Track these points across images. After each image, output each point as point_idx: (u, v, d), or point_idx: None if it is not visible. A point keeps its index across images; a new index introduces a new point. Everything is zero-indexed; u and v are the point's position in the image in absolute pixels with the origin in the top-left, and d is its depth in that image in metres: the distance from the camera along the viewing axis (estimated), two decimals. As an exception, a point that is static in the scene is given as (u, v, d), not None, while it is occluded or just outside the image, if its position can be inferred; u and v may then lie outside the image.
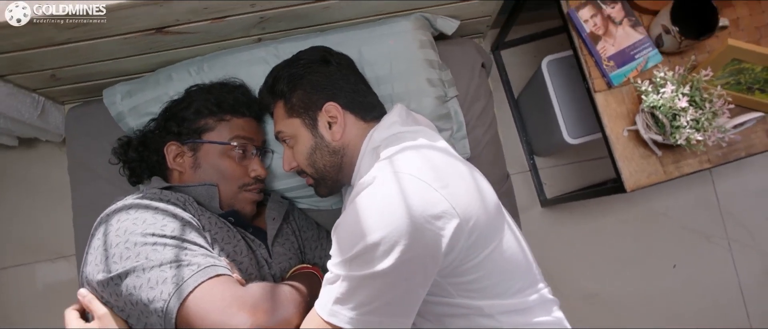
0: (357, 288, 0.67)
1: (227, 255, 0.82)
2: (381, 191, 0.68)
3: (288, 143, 0.93)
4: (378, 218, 0.66)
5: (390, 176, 0.69)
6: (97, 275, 0.73)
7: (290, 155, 0.93)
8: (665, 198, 1.66)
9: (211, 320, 0.66)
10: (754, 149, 1.04)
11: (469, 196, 0.71)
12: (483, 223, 0.72)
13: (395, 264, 0.65)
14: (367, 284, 0.66)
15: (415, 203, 0.65)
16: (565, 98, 1.33)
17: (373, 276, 0.65)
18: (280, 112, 0.93)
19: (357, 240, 0.66)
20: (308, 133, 0.89)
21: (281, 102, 0.93)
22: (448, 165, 0.74)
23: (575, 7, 1.07)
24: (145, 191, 0.84)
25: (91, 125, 1.17)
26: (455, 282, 0.76)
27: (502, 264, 0.78)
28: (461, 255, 0.71)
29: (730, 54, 0.93)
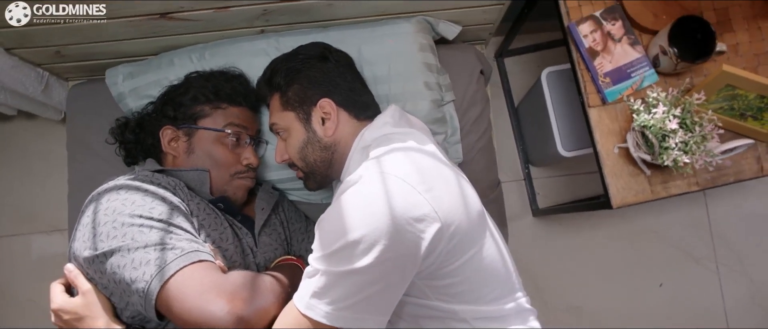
0: (334, 284, 0.68)
1: (213, 241, 0.83)
2: (366, 190, 0.70)
3: (281, 135, 0.95)
4: (360, 216, 0.67)
5: (376, 176, 0.70)
6: (84, 251, 0.75)
7: (283, 147, 0.95)
8: (657, 216, 1.66)
9: (189, 304, 0.68)
10: (743, 176, 1.05)
11: (453, 201, 0.73)
12: (464, 229, 0.73)
13: (374, 263, 0.66)
14: (345, 280, 0.68)
15: (398, 205, 0.67)
16: (562, 110, 1.33)
17: (352, 273, 0.67)
18: (276, 104, 0.94)
19: (338, 237, 0.68)
20: (301, 127, 0.91)
21: (277, 95, 0.94)
22: (434, 169, 0.76)
23: (576, 21, 1.08)
24: (138, 172, 0.86)
25: (93, 103, 1.19)
26: (432, 284, 0.77)
27: (480, 271, 0.79)
28: (440, 258, 0.72)
29: (724, 80, 0.94)
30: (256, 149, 1.04)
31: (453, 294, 0.79)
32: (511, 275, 0.86)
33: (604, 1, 1.10)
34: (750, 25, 1.09)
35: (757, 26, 1.08)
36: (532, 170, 1.68)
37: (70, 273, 0.79)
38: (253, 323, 0.70)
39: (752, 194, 1.67)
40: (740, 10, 1.09)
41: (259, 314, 0.72)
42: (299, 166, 0.94)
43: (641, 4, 1.08)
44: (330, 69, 0.93)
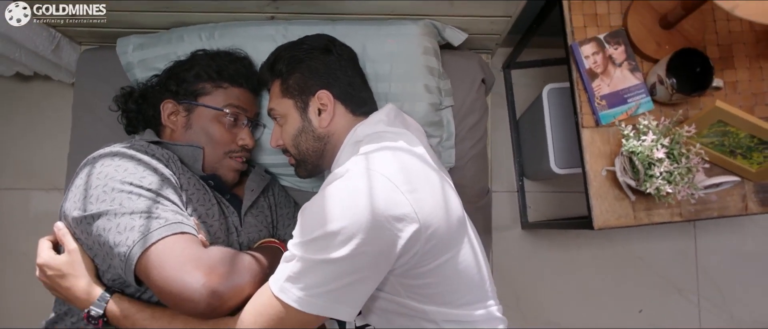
0: (309, 270, 0.70)
1: (199, 215, 0.86)
2: (351, 184, 0.72)
3: (278, 121, 0.97)
4: (342, 208, 0.69)
5: (362, 172, 0.72)
6: (74, 211, 0.78)
7: (278, 132, 0.97)
8: (644, 243, 1.67)
9: (167, 273, 0.71)
10: (728, 212, 1.06)
11: (434, 205, 0.74)
12: (442, 233, 0.75)
13: (349, 255, 0.68)
14: (320, 268, 0.70)
15: (380, 202, 0.69)
16: (559, 127, 1.35)
17: (326, 262, 0.69)
18: (276, 90, 0.97)
19: (318, 225, 0.70)
20: (298, 115, 0.94)
21: (278, 81, 0.97)
22: (420, 171, 0.78)
23: (579, 42, 1.09)
24: (134, 141, 0.89)
25: (102, 69, 1.22)
26: (406, 283, 0.79)
27: (454, 275, 0.81)
28: (415, 259, 0.74)
29: (717, 115, 0.95)
30: (252, 131, 1.07)
31: (425, 295, 0.81)
32: (486, 282, 0.88)
33: (610, 25, 1.11)
34: (752, 64, 1.09)
35: (759, 66, 1.09)
36: (526, 184, 1.69)
37: (58, 231, 0.82)
38: (226, 298, 0.73)
39: (741, 232, 1.68)
40: (744, 48, 1.10)
41: (234, 290, 0.74)
42: (292, 153, 0.97)
43: (646, 31, 1.09)
44: (332, 62, 0.95)
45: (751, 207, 1.06)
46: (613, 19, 1.11)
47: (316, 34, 1.03)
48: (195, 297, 0.70)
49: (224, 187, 0.98)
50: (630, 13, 1.09)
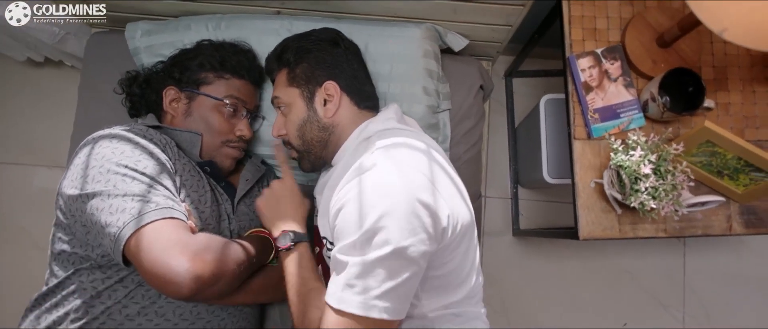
0: (364, 273, 0.69)
1: (192, 201, 0.88)
2: (384, 177, 0.72)
3: (282, 110, 0.97)
4: (381, 202, 0.69)
5: (392, 165, 0.73)
6: (70, 189, 0.81)
7: (282, 122, 0.97)
8: (634, 258, 1.69)
9: (153, 256, 0.73)
10: (712, 231, 1.08)
11: (456, 197, 0.79)
12: (464, 225, 0.78)
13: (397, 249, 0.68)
14: (372, 268, 0.68)
15: (417, 192, 0.70)
16: (554, 138, 1.37)
17: (378, 260, 0.68)
18: (282, 79, 0.97)
19: (360, 225, 0.69)
20: (304, 105, 0.94)
21: (285, 70, 0.97)
22: (438, 167, 0.80)
23: (577, 55, 1.11)
24: (134, 125, 0.91)
25: (109, 52, 1.25)
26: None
27: (459, 269, 0.83)
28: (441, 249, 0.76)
29: (705, 135, 0.97)
30: (251, 123, 1.09)
31: (427, 286, 0.81)
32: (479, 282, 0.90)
33: (608, 41, 1.13)
34: (745, 87, 1.11)
35: (752, 90, 1.11)
36: (520, 191, 1.71)
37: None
38: (209, 284, 0.75)
39: (731, 253, 1.69)
40: (738, 71, 1.12)
41: (217, 277, 0.77)
42: (295, 144, 0.96)
43: (643, 49, 1.11)
44: (339, 54, 0.97)
45: (736, 228, 1.07)
46: (611, 35, 1.13)
47: (323, 27, 1.05)
48: (178, 281, 0.72)
49: (219, 174, 1.00)
50: (628, 30, 1.11)
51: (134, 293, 0.84)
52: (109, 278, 0.84)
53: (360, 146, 0.88)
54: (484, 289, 0.93)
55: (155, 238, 0.74)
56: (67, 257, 0.86)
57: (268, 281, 0.96)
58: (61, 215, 0.85)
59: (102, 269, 0.84)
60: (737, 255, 1.69)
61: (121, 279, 0.84)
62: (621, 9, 1.14)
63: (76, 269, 0.84)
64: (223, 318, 0.91)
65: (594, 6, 1.14)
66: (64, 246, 0.85)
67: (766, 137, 1.10)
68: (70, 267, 0.85)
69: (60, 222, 0.86)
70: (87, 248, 0.83)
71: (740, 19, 0.70)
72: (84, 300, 0.83)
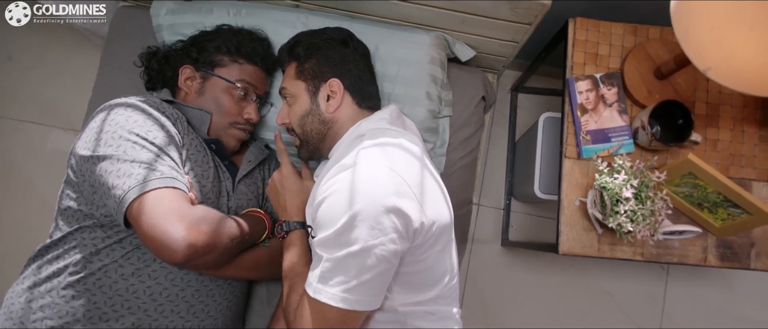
0: (337, 267, 0.75)
1: (195, 175, 0.94)
2: (361, 175, 0.76)
3: (288, 100, 1.04)
4: (354, 200, 0.74)
5: (370, 164, 0.78)
6: (83, 150, 0.87)
7: (286, 111, 1.04)
8: (616, 280, 1.73)
9: (153, 221, 0.79)
10: (687, 260, 1.12)
11: (435, 197, 0.84)
12: (441, 225, 0.83)
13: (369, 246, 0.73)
14: (345, 263, 0.75)
15: (391, 191, 0.74)
16: (549, 155, 1.41)
17: (350, 256, 0.74)
18: (291, 71, 1.03)
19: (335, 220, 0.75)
20: (308, 98, 1.00)
21: (294, 63, 1.03)
22: (417, 167, 0.84)
23: (576, 77, 1.16)
24: (149, 97, 0.97)
25: (134, 26, 1.31)
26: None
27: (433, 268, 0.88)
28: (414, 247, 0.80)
29: (688, 167, 1.01)
30: (260, 108, 1.15)
31: (401, 281, 0.86)
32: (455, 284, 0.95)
33: (608, 67, 1.17)
34: (735, 126, 1.15)
35: (742, 129, 1.15)
36: (513, 204, 1.76)
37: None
38: (201, 253, 0.81)
39: (712, 285, 1.73)
40: (730, 110, 1.15)
41: (209, 247, 0.82)
42: (297, 132, 1.03)
43: (640, 78, 1.15)
44: (347, 54, 1.03)
45: (710, 260, 1.11)
46: (612, 62, 1.18)
47: (336, 26, 1.11)
48: (173, 247, 0.78)
49: (224, 153, 1.06)
50: (628, 59, 1.16)
51: (131, 255, 0.89)
52: (109, 237, 0.89)
53: (353, 142, 0.92)
54: (468, 293, 0.98)
55: (156, 204, 0.80)
56: (72, 213, 0.91)
57: (258, 259, 1.01)
58: (71, 174, 0.91)
59: (103, 228, 0.89)
60: (718, 290, 1.72)
61: (120, 239, 0.89)
62: (624, 38, 1.18)
63: (79, 225, 0.90)
64: (212, 289, 0.97)
65: (598, 32, 1.19)
66: (71, 203, 0.91)
67: (749, 176, 1.13)
68: (74, 223, 0.90)
69: (70, 180, 0.91)
70: (92, 207, 0.89)
71: (722, 61, 0.75)
72: (83, 256, 0.88)
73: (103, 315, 0.87)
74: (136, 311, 0.88)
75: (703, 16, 0.74)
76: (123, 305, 0.88)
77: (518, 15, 1.10)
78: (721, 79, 0.79)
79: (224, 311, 0.99)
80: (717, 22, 0.72)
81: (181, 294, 0.92)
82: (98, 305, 0.87)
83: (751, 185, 1.14)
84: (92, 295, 0.87)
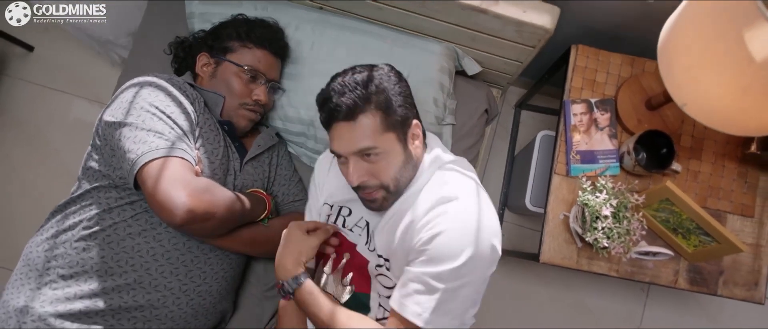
0: (452, 299, 0.81)
1: (206, 151, 1.03)
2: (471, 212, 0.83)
3: (372, 158, 0.87)
4: (470, 236, 0.80)
5: (474, 203, 0.84)
6: (110, 117, 0.97)
7: (366, 168, 0.88)
8: (598, 297, 1.80)
9: (159, 186, 0.89)
10: (658, 281, 1.19)
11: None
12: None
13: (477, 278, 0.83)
14: (459, 294, 0.82)
15: (494, 228, 0.85)
16: (542, 170, 1.49)
17: (463, 287, 0.81)
18: (376, 125, 0.86)
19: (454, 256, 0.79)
20: (401, 149, 0.89)
21: (380, 114, 0.86)
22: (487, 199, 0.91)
23: (572, 100, 1.24)
24: (174, 76, 1.06)
25: (166, 15, 1.41)
26: None
27: None
28: None
29: (665, 193, 1.08)
30: (272, 92, 1.23)
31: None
32: None
33: (604, 93, 1.25)
34: (717, 160, 1.22)
35: (722, 164, 1.22)
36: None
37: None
38: (199, 220, 0.90)
39: (689, 310, 1.79)
40: (713, 145, 1.23)
41: (207, 215, 0.92)
42: (390, 188, 0.89)
43: (631, 107, 1.23)
44: (407, 88, 0.94)
45: (681, 283, 1.19)
46: (607, 89, 1.26)
47: (386, 63, 0.95)
48: (174, 211, 0.88)
49: (235, 134, 1.15)
50: (622, 88, 1.24)
51: (139, 216, 0.99)
52: (121, 198, 0.99)
53: (435, 175, 0.91)
54: None
55: (164, 171, 0.89)
56: (93, 173, 1.01)
57: (257, 235, 1.10)
58: (96, 138, 1.01)
59: (117, 189, 0.99)
60: (695, 316, 1.79)
61: (131, 202, 0.99)
62: (621, 68, 1.26)
63: (98, 184, 0.99)
64: (210, 257, 1.05)
65: (598, 60, 1.27)
66: (94, 164, 1.01)
67: (725, 209, 1.21)
68: (94, 182, 1.00)
69: (95, 143, 1.02)
70: (110, 168, 0.98)
71: (696, 99, 0.83)
72: (97, 212, 0.98)
73: (109, 269, 0.96)
74: (139, 269, 0.97)
75: (682, 56, 0.82)
76: (127, 262, 0.97)
77: (523, 37, 1.18)
78: (695, 114, 0.87)
79: (219, 280, 1.08)
80: (693, 63, 0.80)
81: (181, 258, 1.01)
82: (105, 259, 0.96)
83: (726, 217, 1.21)
84: (101, 250, 0.96)
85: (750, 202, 1.21)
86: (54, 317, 0.93)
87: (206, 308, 1.07)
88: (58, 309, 0.94)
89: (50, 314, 0.94)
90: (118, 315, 0.96)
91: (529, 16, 1.10)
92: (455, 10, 1.14)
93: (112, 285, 0.96)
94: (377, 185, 0.89)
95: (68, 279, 0.96)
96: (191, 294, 1.03)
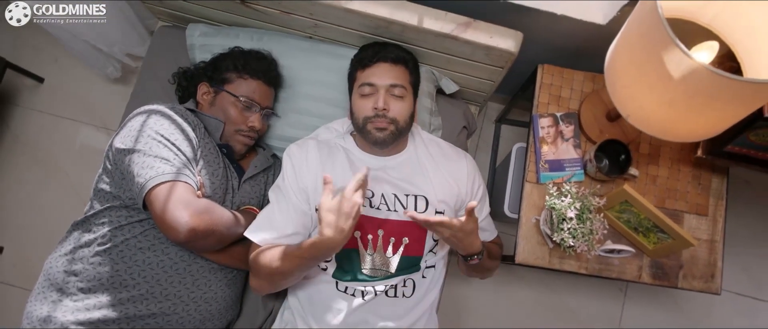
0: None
1: (207, 172, 1.13)
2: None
3: (396, 94, 1.19)
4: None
5: None
6: (120, 144, 1.07)
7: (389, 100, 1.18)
8: (580, 298, 1.91)
9: (165, 207, 1.00)
10: (624, 276, 1.30)
11: None
12: None
13: None
14: None
15: None
16: (518, 180, 1.61)
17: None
18: (407, 76, 1.24)
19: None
20: (412, 102, 1.25)
21: (411, 74, 1.26)
22: None
23: (540, 114, 1.37)
24: (177, 105, 1.18)
25: (170, 44, 1.54)
26: None
27: None
28: None
29: (623, 196, 1.20)
30: (266, 118, 1.35)
31: None
32: None
33: (568, 107, 1.38)
34: (673, 164, 1.35)
35: (678, 168, 1.35)
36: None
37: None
38: (200, 237, 1.01)
39: (666, 309, 1.90)
40: (669, 151, 1.36)
41: (208, 232, 1.03)
42: (400, 124, 1.19)
43: (593, 119, 1.36)
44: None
45: (644, 278, 1.30)
46: (571, 103, 1.39)
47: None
48: (178, 229, 0.99)
49: (233, 156, 1.27)
50: (585, 103, 1.37)
51: (148, 232, 1.09)
52: (131, 216, 1.09)
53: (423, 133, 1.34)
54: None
55: (169, 193, 1.01)
56: (104, 195, 1.11)
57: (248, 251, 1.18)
58: (107, 163, 1.11)
59: (127, 209, 1.09)
60: (672, 315, 1.90)
61: (140, 220, 1.09)
62: (584, 84, 1.40)
63: (110, 205, 1.10)
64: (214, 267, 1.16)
65: (562, 78, 1.40)
66: (105, 186, 1.11)
67: (682, 208, 1.33)
68: (106, 202, 1.11)
69: (106, 167, 1.12)
70: (120, 190, 1.09)
71: (635, 111, 0.95)
72: (110, 230, 1.08)
73: (123, 281, 1.06)
74: (150, 280, 1.07)
75: (622, 76, 0.95)
76: (139, 274, 1.07)
77: (492, 59, 1.32)
78: (637, 124, 0.99)
79: (223, 288, 1.18)
80: (630, 82, 0.93)
81: (188, 269, 1.11)
82: (119, 272, 1.06)
83: (683, 217, 1.33)
84: (115, 264, 1.07)
85: (704, 202, 1.33)
86: (75, 325, 1.03)
87: (213, 313, 1.17)
88: (78, 318, 1.04)
89: (71, 322, 1.04)
90: (133, 323, 1.06)
91: (496, 41, 1.23)
92: (430, 38, 1.28)
93: (126, 296, 1.06)
94: (391, 119, 1.17)
95: (87, 291, 1.06)
96: (198, 300, 1.13)
